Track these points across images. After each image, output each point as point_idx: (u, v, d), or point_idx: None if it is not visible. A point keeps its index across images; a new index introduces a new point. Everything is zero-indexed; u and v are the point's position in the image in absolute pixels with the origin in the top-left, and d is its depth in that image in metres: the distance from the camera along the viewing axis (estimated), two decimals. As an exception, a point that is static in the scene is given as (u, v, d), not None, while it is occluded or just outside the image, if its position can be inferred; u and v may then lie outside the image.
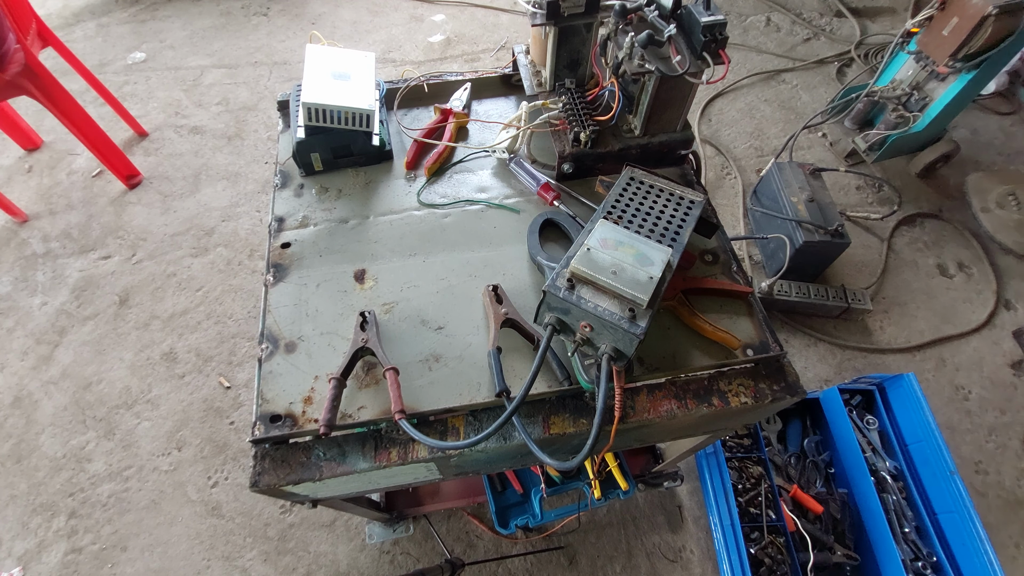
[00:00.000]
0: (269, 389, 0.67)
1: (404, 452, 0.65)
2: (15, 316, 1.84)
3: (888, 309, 1.85)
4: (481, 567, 1.41)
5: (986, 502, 1.50)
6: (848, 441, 1.39)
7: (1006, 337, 1.79)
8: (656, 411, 0.68)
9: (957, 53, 1.80)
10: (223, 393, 1.68)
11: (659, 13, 0.73)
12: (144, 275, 1.93)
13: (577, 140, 0.81)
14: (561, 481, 1.29)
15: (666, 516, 1.48)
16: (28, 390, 1.70)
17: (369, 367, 0.69)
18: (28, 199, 2.13)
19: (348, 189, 0.87)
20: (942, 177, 2.18)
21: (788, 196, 1.77)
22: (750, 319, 0.73)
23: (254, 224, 2.05)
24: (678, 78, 0.71)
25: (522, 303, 0.71)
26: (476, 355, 0.69)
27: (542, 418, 0.67)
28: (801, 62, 2.60)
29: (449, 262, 0.78)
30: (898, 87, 2.07)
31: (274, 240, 0.81)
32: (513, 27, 2.79)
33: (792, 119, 2.38)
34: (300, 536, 1.46)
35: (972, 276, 1.93)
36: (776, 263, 1.81)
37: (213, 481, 1.54)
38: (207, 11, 2.91)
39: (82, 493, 1.53)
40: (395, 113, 0.96)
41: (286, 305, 0.74)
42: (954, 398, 1.68)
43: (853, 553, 1.35)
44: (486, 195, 0.86)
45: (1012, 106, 2.41)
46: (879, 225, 2.03)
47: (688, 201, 0.74)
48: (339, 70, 0.83)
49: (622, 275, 0.61)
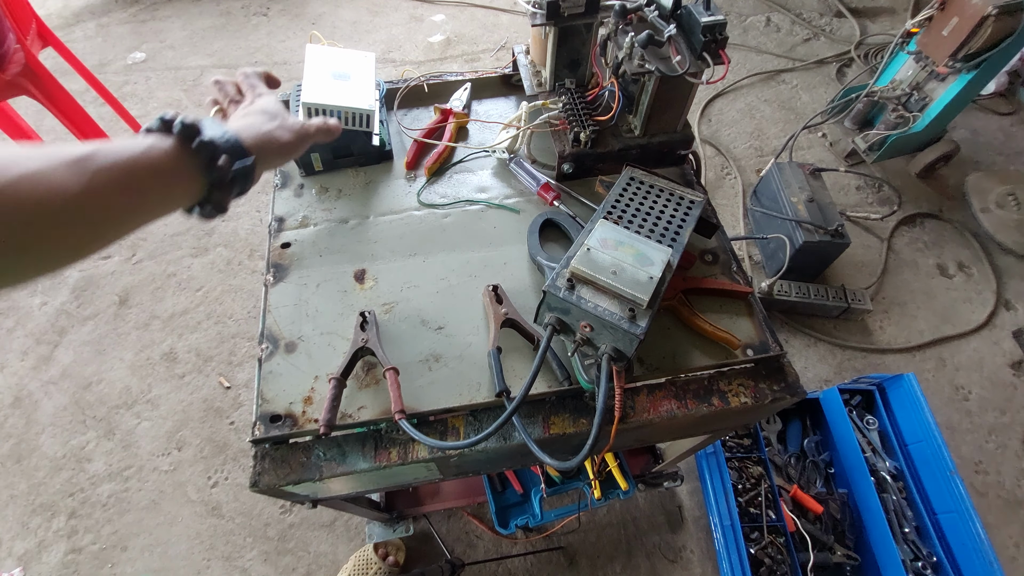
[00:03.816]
0: (269, 389, 0.67)
1: (404, 452, 0.65)
2: (15, 316, 1.84)
3: (888, 309, 1.85)
4: (481, 567, 1.41)
5: (986, 502, 1.50)
6: (848, 441, 1.39)
7: (1006, 337, 1.79)
8: (656, 411, 0.68)
9: (957, 53, 1.80)
10: (223, 393, 1.68)
11: (659, 13, 0.73)
12: (144, 275, 1.93)
13: (577, 140, 0.81)
14: (561, 481, 1.29)
15: (666, 516, 1.48)
16: (28, 390, 1.70)
17: (369, 367, 0.69)
18: (28, 199, 2.13)
19: (348, 189, 0.87)
20: (942, 177, 2.18)
21: (788, 196, 1.77)
22: (750, 319, 0.73)
23: (254, 224, 2.05)
24: (678, 78, 0.71)
25: (522, 303, 0.71)
26: (476, 355, 0.69)
27: (542, 418, 0.67)
28: (801, 62, 2.60)
29: (449, 262, 0.78)
30: (898, 87, 2.07)
31: (274, 240, 0.81)
32: (513, 27, 2.79)
33: (792, 119, 2.38)
34: (300, 536, 1.46)
35: (972, 276, 1.93)
36: (776, 263, 1.81)
37: (213, 481, 1.54)
38: (207, 11, 2.91)
39: (82, 493, 1.53)
40: (395, 113, 0.96)
41: (286, 305, 0.74)
42: (954, 398, 1.68)
43: (853, 553, 1.35)
44: (486, 195, 0.86)
45: (1012, 106, 2.41)
46: (879, 225, 2.03)
47: (688, 201, 0.75)
48: (339, 70, 0.83)
49: (622, 275, 0.61)
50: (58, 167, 0.36)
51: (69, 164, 0.36)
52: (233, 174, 0.47)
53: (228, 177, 0.46)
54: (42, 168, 0.35)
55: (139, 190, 0.41)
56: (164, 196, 0.44)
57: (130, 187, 0.40)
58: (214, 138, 0.45)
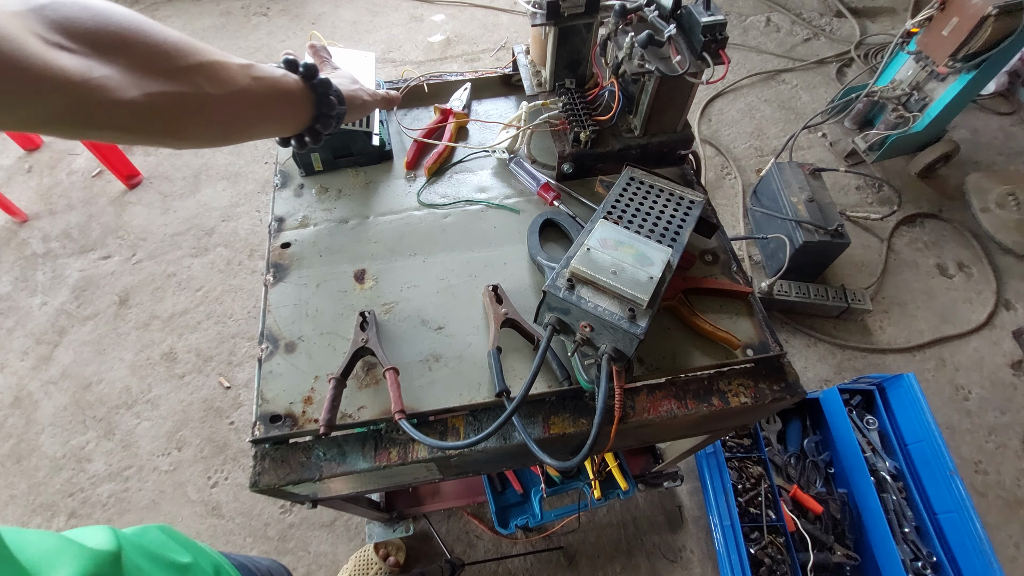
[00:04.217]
0: (269, 389, 0.67)
1: (404, 452, 0.65)
2: (15, 316, 1.84)
3: (888, 309, 1.85)
4: (481, 567, 1.41)
5: (986, 502, 1.50)
6: (848, 441, 1.39)
7: (1006, 337, 1.79)
8: (656, 411, 0.68)
9: (957, 53, 1.80)
10: (223, 393, 1.68)
11: (659, 13, 0.73)
12: (144, 275, 1.93)
13: (577, 140, 0.81)
14: (561, 481, 1.29)
15: (666, 516, 1.48)
16: (28, 390, 1.70)
17: (369, 367, 0.69)
18: (28, 199, 2.13)
19: (348, 189, 0.87)
20: (942, 177, 2.18)
21: (788, 196, 1.77)
22: (750, 319, 0.73)
23: (254, 224, 2.05)
24: (678, 78, 0.71)
25: (522, 303, 0.71)
26: (476, 355, 0.69)
27: (542, 418, 0.67)
28: (801, 62, 2.60)
29: (449, 262, 0.78)
30: (898, 87, 2.07)
31: (274, 240, 0.81)
32: (513, 27, 2.79)
33: (792, 119, 2.38)
34: (300, 536, 1.46)
35: (972, 276, 1.93)
36: (776, 263, 1.81)
37: (213, 481, 1.54)
38: (207, 11, 2.91)
39: (82, 493, 1.53)
40: (395, 113, 0.96)
41: (286, 305, 0.74)
42: (954, 398, 1.68)
43: (853, 553, 1.35)
44: (486, 195, 0.86)
45: (1012, 106, 2.41)
46: (879, 225, 2.03)
47: (688, 201, 0.75)
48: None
49: (622, 275, 0.61)
50: (232, 63, 0.46)
51: (240, 64, 0.47)
52: (337, 112, 0.58)
53: (332, 112, 0.58)
54: (224, 60, 0.45)
55: (275, 103, 0.52)
56: (284, 115, 0.55)
57: (272, 98, 0.51)
58: (327, 81, 0.57)
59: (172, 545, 0.53)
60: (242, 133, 0.51)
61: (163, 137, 0.44)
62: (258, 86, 0.48)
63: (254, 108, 0.49)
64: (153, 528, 0.55)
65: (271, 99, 0.51)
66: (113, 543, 0.44)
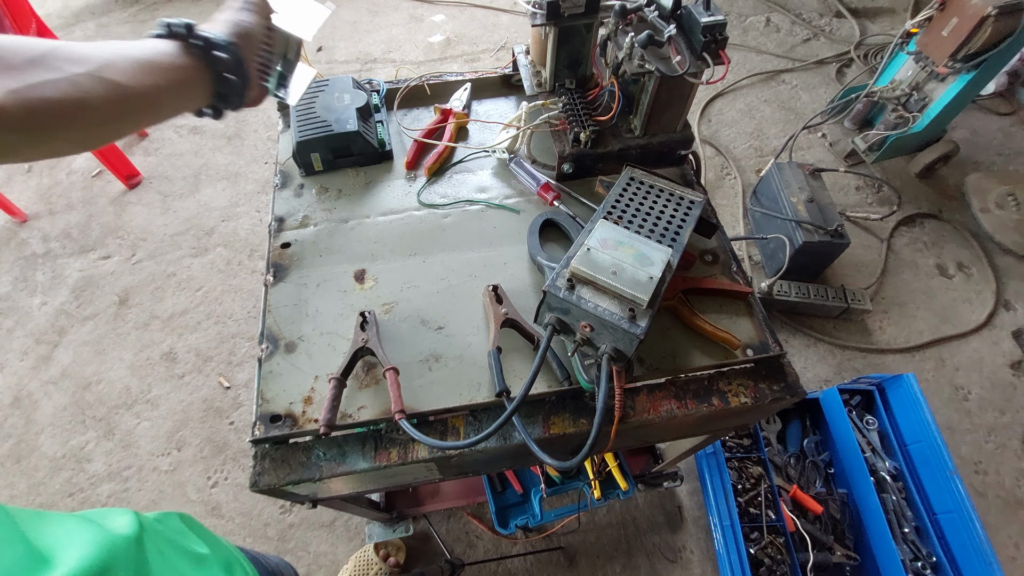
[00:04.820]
0: (269, 389, 0.67)
1: (404, 452, 0.65)
2: (15, 316, 1.84)
3: (888, 309, 1.85)
4: (481, 567, 1.41)
5: (986, 502, 1.50)
6: (848, 441, 1.39)
7: (1006, 337, 1.79)
8: (656, 411, 0.68)
9: (957, 53, 1.80)
10: (223, 393, 1.68)
11: (659, 13, 0.73)
12: (144, 275, 1.93)
13: (577, 140, 0.81)
14: (561, 481, 1.29)
15: (666, 516, 1.48)
16: (28, 390, 1.69)
17: (369, 367, 0.69)
18: (28, 199, 2.13)
19: (348, 189, 0.87)
20: (942, 177, 2.18)
21: (788, 196, 1.77)
22: (750, 319, 0.73)
23: (254, 224, 2.05)
24: (678, 78, 0.71)
25: (522, 303, 0.71)
26: (476, 355, 0.69)
27: (542, 418, 0.67)
28: (801, 62, 2.60)
29: (449, 262, 0.78)
30: (897, 87, 2.07)
31: (274, 240, 0.81)
32: (513, 27, 2.79)
33: (792, 119, 2.38)
34: (300, 536, 1.46)
35: (972, 276, 1.93)
36: (776, 263, 1.81)
37: (213, 481, 1.54)
38: (207, 10, 2.90)
39: (82, 493, 1.53)
40: (395, 113, 0.96)
41: (286, 305, 0.75)
42: (954, 398, 1.68)
43: (853, 553, 1.35)
44: (486, 195, 0.86)
45: (1012, 106, 2.41)
46: (879, 225, 2.03)
47: (688, 201, 0.75)
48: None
49: (622, 275, 0.61)
50: (86, 45, 0.44)
51: (96, 44, 0.45)
52: (230, 63, 0.53)
53: (227, 66, 0.53)
54: (75, 43, 0.43)
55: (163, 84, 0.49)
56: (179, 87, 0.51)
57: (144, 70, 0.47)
58: (205, 32, 0.52)
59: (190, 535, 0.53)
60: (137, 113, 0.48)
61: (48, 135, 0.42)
62: (124, 61, 0.45)
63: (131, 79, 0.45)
64: (174, 515, 0.54)
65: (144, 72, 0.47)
66: (135, 527, 0.44)
